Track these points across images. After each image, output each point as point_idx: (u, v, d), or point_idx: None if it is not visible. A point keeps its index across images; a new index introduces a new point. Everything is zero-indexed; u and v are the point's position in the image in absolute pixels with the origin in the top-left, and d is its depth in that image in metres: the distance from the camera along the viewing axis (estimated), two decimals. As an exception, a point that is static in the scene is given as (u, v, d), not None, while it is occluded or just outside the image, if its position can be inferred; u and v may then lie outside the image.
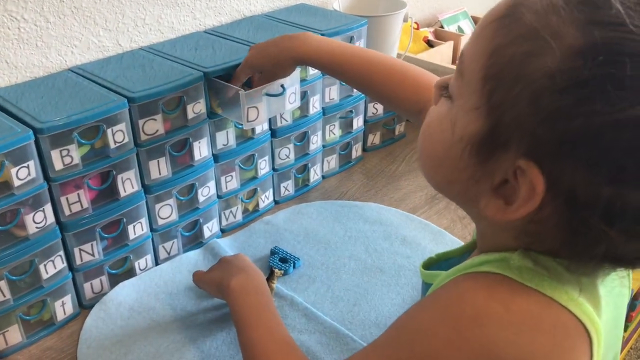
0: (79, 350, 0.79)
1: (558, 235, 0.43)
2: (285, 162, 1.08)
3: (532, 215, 0.42)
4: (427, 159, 0.52)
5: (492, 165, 0.44)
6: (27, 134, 0.73)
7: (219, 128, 0.95)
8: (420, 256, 0.94)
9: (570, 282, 0.44)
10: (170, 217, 0.94)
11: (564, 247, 0.44)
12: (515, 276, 0.44)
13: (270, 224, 1.03)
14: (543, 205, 0.41)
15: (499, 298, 0.44)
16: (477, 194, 0.46)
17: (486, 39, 0.44)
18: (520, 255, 0.46)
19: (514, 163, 0.42)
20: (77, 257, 0.84)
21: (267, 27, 1.07)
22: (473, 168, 0.46)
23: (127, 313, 0.85)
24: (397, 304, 0.85)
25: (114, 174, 0.83)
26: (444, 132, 0.48)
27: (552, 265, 0.45)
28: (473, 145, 0.45)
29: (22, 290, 0.79)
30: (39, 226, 0.77)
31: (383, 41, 1.21)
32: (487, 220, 0.47)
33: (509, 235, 0.47)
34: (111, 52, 0.99)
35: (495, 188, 0.44)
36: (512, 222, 0.44)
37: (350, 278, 0.90)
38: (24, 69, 0.90)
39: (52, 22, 0.90)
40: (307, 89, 1.04)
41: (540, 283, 0.44)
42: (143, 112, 0.83)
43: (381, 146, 1.28)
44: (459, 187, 0.48)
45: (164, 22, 1.04)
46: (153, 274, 0.92)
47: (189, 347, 0.79)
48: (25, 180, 0.74)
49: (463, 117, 0.46)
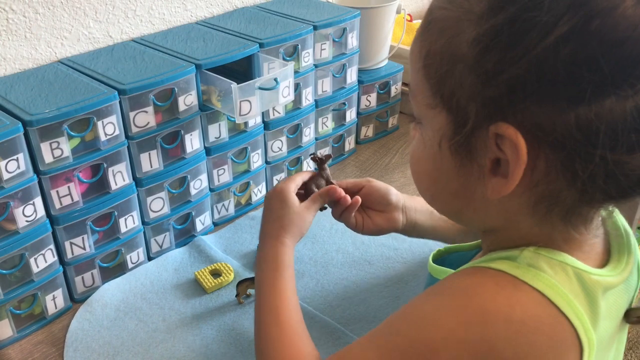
0: (65, 354, 0.78)
1: (565, 184, 0.43)
2: (277, 154, 1.08)
3: (532, 176, 0.43)
4: (426, 189, 0.53)
5: (477, 152, 0.45)
6: (16, 127, 0.72)
7: (211, 121, 0.94)
8: (407, 248, 0.94)
9: (573, 289, 0.45)
10: (162, 210, 0.93)
11: (579, 198, 0.44)
12: (521, 275, 0.45)
13: (255, 219, 1.03)
14: (535, 161, 0.42)
15: (505, 296, 0.44)
16: (482, 190, 0.46)
17: (416, 54, 0.48)
18: (530, 253, 0.46)
19: (488, 134, 0.43)
20: (68, 251, 0.83)
21: (259, 18, 1.07)
22: (465, 166, 0.46)
23: (114, 314, 0.84)
24: (386, 296, 0.85)
25: (105, 167, 0.82)
26: (426, 151, 0.50)
27: (560, 267, 0.45)
28: (452, 143, 0.46)
29: (13, 284, 0.78)
30: (29, 220, 0.76)
31: (376, 33, 1.21)
32: (499, 215, 0.48)
33: (525, 214, 0.47)
34: (102, 44, 0.98)
35: (491, 170, 0.45)
36: (521, 197, 0.45)
37: (339, 271, 0.90)
38: (12, 61, 0.88)
39: (41, 14, 0.89)
40: (299, 81, 1.03)
41: (544, 285, 0.44)
42: (134, 104, 0.82)
43: (374, 139, 1.28)
44: (464, 196, 0.49)
45: (155, 13, 1.03)
46: (138, 274, 0.91)
47: (178, 346, 0.78)
48: (15, 173, 0.73)
49: (431, 126, 0.48)
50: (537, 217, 0.46)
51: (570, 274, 0.45)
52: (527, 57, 0.40)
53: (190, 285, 0.89)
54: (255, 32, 1.00)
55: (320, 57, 1.08)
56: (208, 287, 0.87)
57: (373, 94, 1.23)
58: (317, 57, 1.07)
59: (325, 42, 1.07)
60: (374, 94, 1.23)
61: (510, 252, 0.47)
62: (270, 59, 0.96)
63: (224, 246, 0.97)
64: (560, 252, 0.46)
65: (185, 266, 0.92)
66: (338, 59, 1.11)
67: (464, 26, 0.43)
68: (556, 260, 0.46)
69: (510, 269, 0.45)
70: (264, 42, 0.96)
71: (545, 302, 0.44)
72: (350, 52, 1.12)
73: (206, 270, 0.90)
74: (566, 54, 0.39)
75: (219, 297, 0.86)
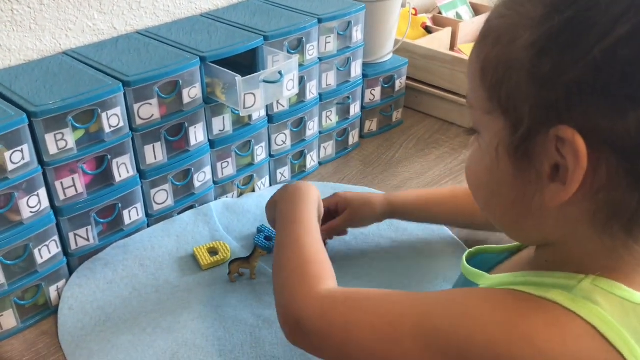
0: (60, 310, 0.81)
1: (628, 190, 0.42)
2: (281, 148, 1.08)
3: (592, 183, 0.42)
4: (483, 199, 0.53)
5: (536, 157, 0.44)
6: (21, 118, 0.72)
7: (216, 113, 0.94)
8: (405, 241, 0.94)
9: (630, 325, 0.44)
10: (165, 202, 0.93)
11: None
12: (577, 309, 0.44)
13: (262, 198, 1.03)
14: (596, 166, 0.42)
15: (558, 328, 0.44)
16: (540, 198, 0.46)
17: (474, 63, 0.48)
18: (588, 284, 0.45)
19: (547, 138, 0.43)
20: (72, 242, 0.84)
21: (264, 11, 1.06)
22: (523, 172, 0.46)
23: (111, 275, 0.85)
24: (375, 286, 0.85)
25: (109, 159, 0.82)
26: (484, 160, 0.49)
27: (617, 302, 0.44)
28: (509, 149, 0.46)
29: (17, 274, 0.78)
30: (34, 211, 0.77)
31: (381, 27, 1.20)
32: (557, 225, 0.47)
33: (584, 224, 0.45)
34: (106, 36, 0.98)
35: (550, 177, 0.44)
36: (580, 204, 0.44)
37: (334, 259, 0.90)
38: (17, 52, 0.88)
39: (46, 5, 0.89)
40: (304, 74, 1.03)
41: (599, 320, 0.43)
42: (138, 96, 0.82)
43: (378, 133, 1.28)
44: (522, 204, 0.48)
45: (159, 5, 1.03)
46: (144, 235, 0.92)
47: (166, 317, 0.80)
48: (19, 164, 0.73)
49: (488, 132, 0.48)
50: (598, 227, 0.45)
51: (627, 309, 0.44)
52: (585, 59, 0.40)
53: (187, 259, 0.90)
54: (259, 24, 1.00)
55: (325, 50, 1.07)
56: (204, 264, 0.88)
57: (377, 88, 1.23)
58: (322, 51, 1.07)
59: (330, 36, 1.07)
60: (379, 88, 1.23)
61: (567, 279, 0.46)
62: (275, 52, 0.95)
63: (228, 218, 0.98)
64: (619, 284, 0.45)
65: (187, 235, 0.93)
66: (343, 53, 1.10)
67: (520, 31, 0.43)
68: (615, 295, 0.45)
69: (565, 301, 0.44)
70: (269, 35, 0.95)
71: (599, 337, 0.43)
72: (355, 46, 1.12)
73: (204, 247, 0.91)
74: (625, 54, 0.39)
75: (213, 274, 0.87)
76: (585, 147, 0.41)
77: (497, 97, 0.46)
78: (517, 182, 0.47)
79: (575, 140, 0.41)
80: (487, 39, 0.47)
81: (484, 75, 0.47)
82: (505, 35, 0.45)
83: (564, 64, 0.41)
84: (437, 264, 0.89)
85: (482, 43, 0.48)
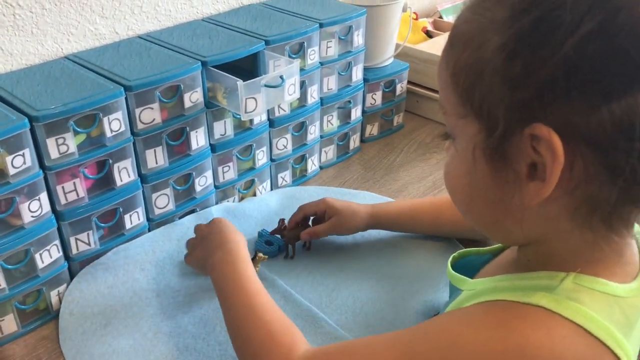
0: (61, 315, 0.81)
1: (606, 184, 0.42)
2: (282, 152, 1.08)
3: (570, 178, 0.43)
4: (462, 202, 0.53)
5: (512, 157, 0.44)
6: (23, 122, 0.72)
7: (217, 118, 0.94)
8: (404, 247, 0.94)
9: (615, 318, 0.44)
10: (167, 206, 0.93)
11: (621, 198, 0.43)
12: (562, 310, 0.44)
13: (263, 203, 1.03)
14: (573, 162, 0.42)
15: (545, 330, 0.44)
16: (519, 197, 0.46)
17: (443, 69, 0.49)
18: (570, 283, 0.46)
19: (522, 138, 0.43)
20: (73, 247, 0.83)
21: (265, 15, 1.07)
22: (501, 173, 0.46)
23: (112, 280, 0.85)
24: (376, 290, 0.85)
25: (110, 163, 0.82)
26: (461, 164, 0.49)
27: (601, 297, 0.45)
28: (485, 152, 0.46)
29: (18, 279, 0.78)
30: (35, 215, 0.77)
31: (382, 31, 1.21)
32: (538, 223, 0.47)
33: (565, 221, 0.46)
34: (108, 40, 0.98)
35: (528, 176, 0.44)
36: (560, 201, 0.44)
37: (332, 263, 0.91)
38: (19, 57, 0.89)
39: (47, 9, 0.89)
40: (305, 78, 1.03)
41: (584, 319, 0.44)
42: (140, 100, 0.82)
43: (379, 137, 1.28)
44: (501, 205, 0.48)
45: (161, 9, 1.03)
46: (145, 240, 0.92)
47: (166, 322, 0.79)
48: (21, 169, 0.73)
49: (464, 136, 0.48)
50: (578, 222, 0.45)
51: (611, 303, 0.45)
52: (554, 58, 0.40)
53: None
54: (261, 29, 1.00)
55: (326, 55, 1.08)
56: None
57: (378, 92, 1.23)
58: (323, 55, 1.07)
59: (331, 40, 1.07)
60: (380, 92, 1.23)
61: (549, 279, 0.47)
62: (276, 57, 0.95)
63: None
64: (600, 279, 0.46)
65: (191, 236, 0.92)
66: (344, 57, 1.11)
67: (488, 35, 0.44)
68: (597, 291, 0.45)
69: (549, 303, 0.44)
70: (270, 39, 0.96)
71: (586, 334, 0.43)
72: (356, 50, 1.12)
73: None
74: (594, 50, 0.39)
75: None
76: (561, 143, 0.41)
77: (470, 102, 0.46)
78: (495, 183, 0.47)
79: (551, 137, 0.41)
80: (456, 45, 0.47)
81: (455, 81, 0.47)
82: (473, 39, 0.45)
83: (534, 64, 0.41)
84: (433, 265, 0.89)
85: (451, 49, 0.48)
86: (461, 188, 0.52)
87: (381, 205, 0.94)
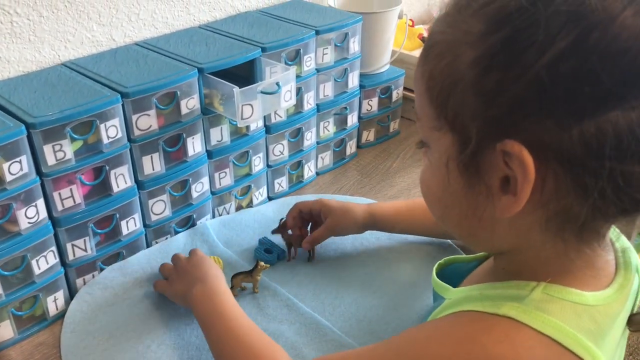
0: (63, 333, 0.80)
1: (577, 200, 0.42)
2: (279, 158, 1.08)
3: (542, 194, 0.43)
4: (437, 211, 0.53)
5: (485, 171, 0.45)
6: (20, 129, 0.72)
7: (213, 124, 0.94)
8: (405, 251, 0.94)
9: (583, 326, 0.44)
10: (163, 212, 0.93)
11: (592, 214, 0.43)
12: (530, 321, 0.44)
13: (260, 213, 1.04)
14: (545, 178, 0.42)
15: (510, 341, 0.44)
16: (491, 209, 0.46)
17: (419, 79, 0.48)
18: (539, 294, 0.46)
19: (495, 153, 0.43)
20: (70, 253, 0.84)
21: (262, 23, 1.07)
22: (473, 186, 0.46)
23: (112, 299, 0.85)
24: (378, 297, 0.85)
25: (107, 170, 0.83)
26: (435, 174, 0.50)
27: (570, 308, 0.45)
28: (458, 163, 0.46)
29: (14, 285, 0.78)
30: (31, 221, 0.77)
31: (378, 38, 1.21)
32: (510, 234, 0.48)
33: (536, 233, 0.46)
34: (105, 47, 0.98)
35: (501, 189, 0.45)
36: (532, 215, 0.45)
37: (334, 271, 0.91)
38: (16, 64, 0.89)
39: (45, 17, 0.90)
40: (301, 85, 1.04)
41: (552, 329, 0.44)
42: (136, 107, 0.83)
43: (375, 143, 1.28)
44: (474, 216, 0.48)
45: (158, 17, 1.03)
46: (142, 257, 0.92)
47: (169, 334, 0.79)
48: (18, 175, 0.73)
49: (438, 147, 0.48)
50: (550, 234, 0.46)
51: (579, 312, 0.45)
52: (526, 76, 0.40)
53: None
54: (257, 36, 1.00)
55: (322, 61, 1.08)
56: None
57: (374, 98, 1.23)
58: (319, 62, 1.08)
59: (327, 47, 1.07)
60: (376, 99, 1.23)
61: (519, 289, 0.47)
62: (273, 63, 0.96)
63: (226, 237, 0.98)
64: (570, 289, 0.46)
65: (185, 252, 0.93)
66: (340, 64, 1.11)
67: (463, 48, 0.43)
68: (566, 301, 0.45)
69: (518, 314, 0.45)
70: (267, 46, 0.96)
71: (554, 343, 0.43)
72: (352, 57, 1.13)
73: None
74: (565, 70, 0.39)
75: None
76: (532, 160, 0.41)
77: (444, 114, 0.46)
78: (468, 195, 0.47)
79: (522, 154, 0.41)
80: (430, 55, 0.47)
81: (430, 93, 0.47)
82: (447, 51, 0.45)
83: (506, 81, 0.41)
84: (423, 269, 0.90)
85: (425, 59, 0.48)
86: (436, 197, 0.52)
87: (378, 204, 0.94)
